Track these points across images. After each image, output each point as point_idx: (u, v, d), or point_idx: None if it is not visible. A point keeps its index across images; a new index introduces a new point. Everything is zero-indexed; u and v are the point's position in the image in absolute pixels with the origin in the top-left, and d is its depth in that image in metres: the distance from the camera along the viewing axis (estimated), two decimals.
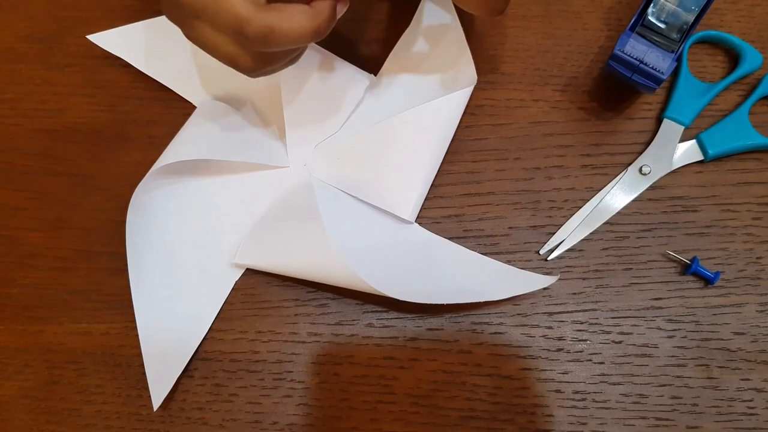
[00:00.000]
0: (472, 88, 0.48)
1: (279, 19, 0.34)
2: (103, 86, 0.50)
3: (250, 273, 0.48)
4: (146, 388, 0.45)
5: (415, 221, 0.48)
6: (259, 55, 0.36)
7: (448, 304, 0.46)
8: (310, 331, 0.47)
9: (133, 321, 0.46)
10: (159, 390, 0.45)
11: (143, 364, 0.46)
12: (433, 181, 0.48)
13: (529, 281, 0.47)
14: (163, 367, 0.45)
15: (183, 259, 0.48)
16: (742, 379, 0.46)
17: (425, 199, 0.48)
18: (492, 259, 0.47)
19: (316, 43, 0.47)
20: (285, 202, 0.48)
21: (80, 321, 0.47)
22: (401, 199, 0.47)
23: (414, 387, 0.46)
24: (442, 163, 0.48)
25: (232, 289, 0.48)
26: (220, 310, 0.47)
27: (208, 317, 0.47)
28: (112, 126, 0.50)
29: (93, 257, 0.48)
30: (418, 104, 0.47)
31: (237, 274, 0.48)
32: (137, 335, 0.46)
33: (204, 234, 0.48)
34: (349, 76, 0.49)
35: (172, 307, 0.47)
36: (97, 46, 0.50)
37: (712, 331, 0.47)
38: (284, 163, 0.49)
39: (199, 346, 0.47)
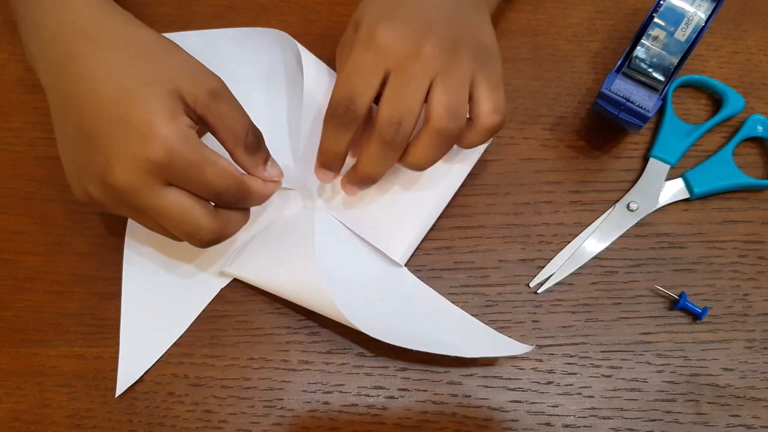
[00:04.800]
0: (484, 147, 0.49)
1: (226, 225, 0.42)
2: None
3: (242, 300, 0.49)
4: (137, 413, 0.46)
5: (405, 264, 0.49)
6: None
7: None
8: (301, 358, 0.47)
9: None
10: (125, 378, 0.46)
11: (134, 389, 0.46)
12: None
13: (505, 346, 0.47)
14: (136, 355, 0.46)
15: (175, 260, 0.49)
16: (732, 416, 0.46)
17: None
18: (473, 318, 0.47)
19: None
20: (283, 222, 0.49)
21: (74, 344, 0.47)
22: (396, 241, 0.48)
23: (404, 417, 0.46)
24: None
25: (225, 315, 0.48)
26: (212, 336, 0.48)
27: (189, 316, 0.48)
28: None
29: (89, 282, 0.48)
30: None
31: (224, 282, 0.49)
32: None
33: None
34: None
35: (157, 301, 0.48)
36: None
37: (701, 367, 0.47)
38: (293, 186, 0.49)
39: (190, 371, 0.47)
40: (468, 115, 0.43)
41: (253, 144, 0.42)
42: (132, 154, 0.37)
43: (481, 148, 0.49)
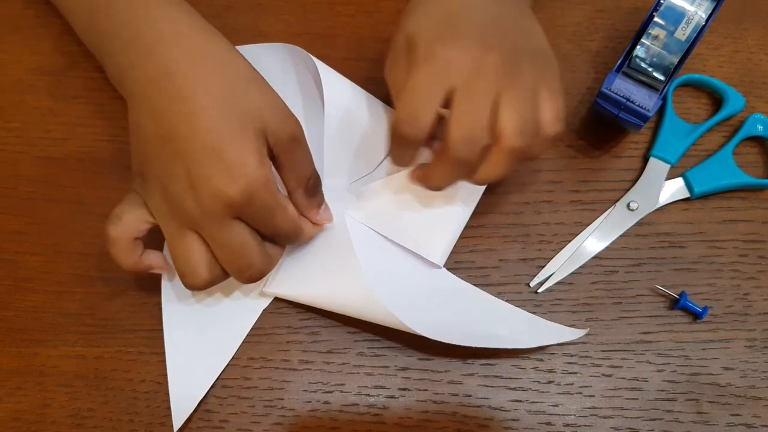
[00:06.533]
0: None
1: (269, 263, 0.43)
2: (108, 117, 0.52)
3: None
4: (137, 413, 0.46)
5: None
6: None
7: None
8: (301, 358, 0.47)
9: (126, 345, 0.47)
10: (180, 414, 0.45)
11: (135, 389, 0.46)
12: None
13: (557, 333, 0.47)
14: (186, 388, 0.46)
15: (214, 289, 0.48)
16: (732, 415, 0.46)
17: None
18: (520, 309, 0.48)
19: (363, 87, 0.49)
20: (319, 235, 0.48)
21: (74, 345, 0.47)
22: (431, 243, 0.48)
23: (404, 416, 0.46)
24: None
25: None
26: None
27: (233, 343, 0.47)
28: (113, 155, 0.51)
29: (89, 282, 0.48)
30: None
31: (265, 303, 0.48)
32: (130, 360, 0.47)
33: None
34: (388, 119, 0.50)
35: (200, 332, 0.47)
36: (103, 79, 0.51)
37: (702, 366, 0.47)
38: None
39: None
40: None
41: (313, 189, 0.44)
42: (215, 186, 0.38)
43: None
